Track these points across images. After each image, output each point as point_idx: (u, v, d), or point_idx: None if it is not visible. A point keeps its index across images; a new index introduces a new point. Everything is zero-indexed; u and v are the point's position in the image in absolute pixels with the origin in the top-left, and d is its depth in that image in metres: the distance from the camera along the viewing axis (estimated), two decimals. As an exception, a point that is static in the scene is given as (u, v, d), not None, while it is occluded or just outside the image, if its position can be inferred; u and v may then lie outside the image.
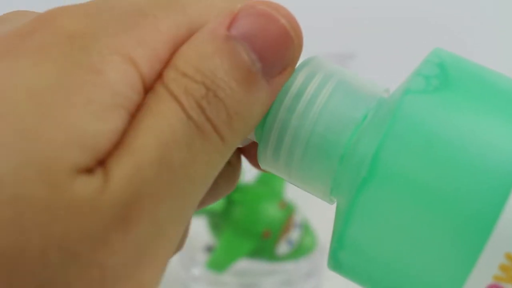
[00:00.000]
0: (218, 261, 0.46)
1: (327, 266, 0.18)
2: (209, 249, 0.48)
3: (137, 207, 0.14)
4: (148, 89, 0.15)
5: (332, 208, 0.21)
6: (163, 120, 0.14)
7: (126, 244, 0.14)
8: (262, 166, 0.20)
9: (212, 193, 0.20)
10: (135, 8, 0.15)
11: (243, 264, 0.47)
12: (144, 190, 0.14)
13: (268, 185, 0.48)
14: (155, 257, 0.15)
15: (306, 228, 0.48)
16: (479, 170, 0.14)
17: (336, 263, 0.17)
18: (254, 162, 0.21)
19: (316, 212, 0.47)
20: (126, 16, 0.15)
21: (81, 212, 0.13)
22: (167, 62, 0.15)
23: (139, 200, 0.14)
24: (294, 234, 0.47)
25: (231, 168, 0.21)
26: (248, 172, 0.46)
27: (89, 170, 0.14)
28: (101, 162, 0.14)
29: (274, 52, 0.15)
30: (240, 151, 0.22)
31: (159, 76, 0.15)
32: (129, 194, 0.14)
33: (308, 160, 0.18)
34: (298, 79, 0.18)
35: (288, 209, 0.47)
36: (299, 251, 0.47)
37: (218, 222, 0.47)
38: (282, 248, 0.46)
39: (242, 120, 0.15)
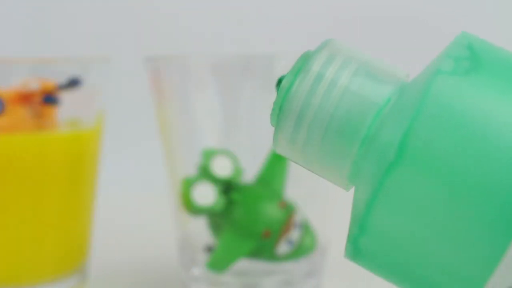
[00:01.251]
0: (218, 261, 0.46)
1: (344, 255, 0.17)
2: (209, 249, 0.47)
3: None
4: None
5: (332, 208, 0.21)
6: None
7: None
8: (276, 150, 0.19)
9: None
10: None
11: (243, 264, 0.47)
12: None
13: (268, 185, 0.48)
14: None
15: (306, 228, 0.47)
16: None
17: (356, 251, 0.16)
18: None
19: (316, 212, 0.47)
20: None
21: None
22: None
23: None
24: (294, 234, 0.46)
25: None
26: (248, 172, 0.46)
27: None
28: None
29: None
30: None
31: None
32: None
33: (327, 144, 0.18)
34: (318, 62, 0.18)
35: (288, 209, 0.46)
36: (299, 251, 0.47)
37: (218, 222, 0.46)
38: (282, 248, 0.46)
39: None
